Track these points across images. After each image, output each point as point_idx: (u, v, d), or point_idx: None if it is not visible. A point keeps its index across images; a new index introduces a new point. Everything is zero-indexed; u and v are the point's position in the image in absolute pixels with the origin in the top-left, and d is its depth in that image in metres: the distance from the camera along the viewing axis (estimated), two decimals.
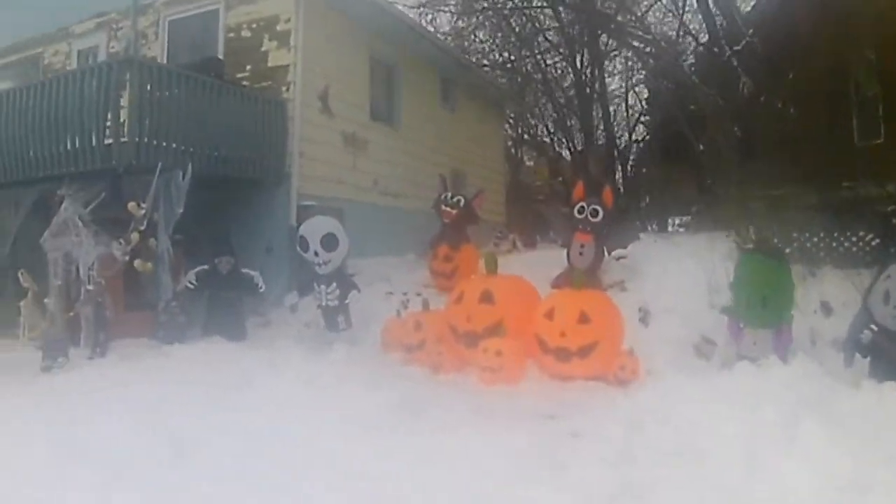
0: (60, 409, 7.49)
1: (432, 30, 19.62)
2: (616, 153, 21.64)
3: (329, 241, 10.79)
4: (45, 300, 11.57)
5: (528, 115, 23.13)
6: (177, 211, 11.06)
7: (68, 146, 11.08)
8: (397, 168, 15.13)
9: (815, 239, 11.59)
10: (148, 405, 7.45)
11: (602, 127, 21.89)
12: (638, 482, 5.34)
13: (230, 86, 12.08)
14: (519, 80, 21.33)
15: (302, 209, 12.63)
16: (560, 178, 21.67)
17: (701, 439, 5.90)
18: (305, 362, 9.24)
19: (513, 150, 24.18)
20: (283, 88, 12.81)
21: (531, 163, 25.86)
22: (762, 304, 8.17)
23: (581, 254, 10.73)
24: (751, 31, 14.51)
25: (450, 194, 12.26)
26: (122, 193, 10.94)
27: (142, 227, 10.83)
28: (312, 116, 13.03)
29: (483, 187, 16.72)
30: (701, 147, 16.50)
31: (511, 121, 22.99)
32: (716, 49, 15.23)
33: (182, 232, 11.37)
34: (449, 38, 20.20)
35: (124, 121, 10.50)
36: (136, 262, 10.89)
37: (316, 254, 10.78)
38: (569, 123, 23.18)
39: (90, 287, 10.89)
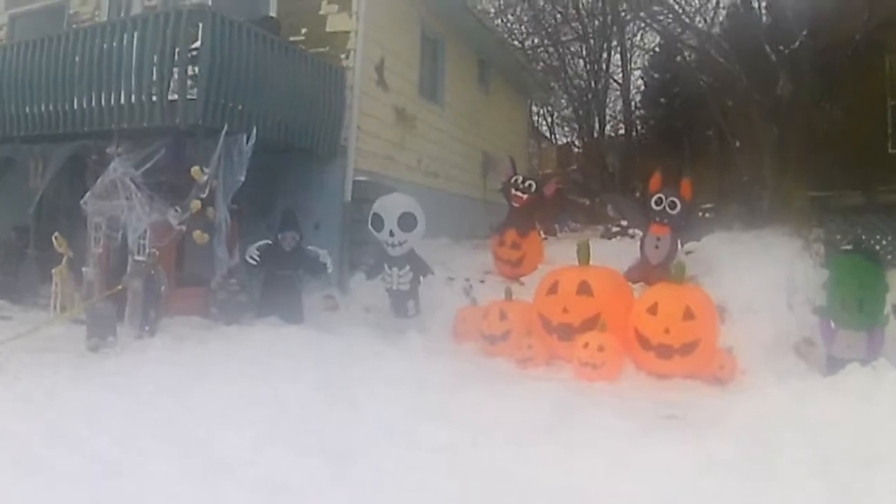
0: (129, 399, 6.55)
1: None
2: (631, 144, 21.04)
3: (407, 221, 9.89)
4: (84, 269, 10.35)
5: (545, 104, 22.41)
6: (238, 179, 9.91)
7: (121, 100, 9.80)
8: (440, 148, 14.17)
9: (885, 241, 11.23)
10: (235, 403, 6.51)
11: (621, 117, 21.34)
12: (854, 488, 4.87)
13: (295, 48, 10.92)
14: (541, 65, 20.54)
15: (356, 185, 11.61)
16: (573, 167, 21.01)
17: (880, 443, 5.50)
18: (396, 357, 8.34)
19: None
20: (343, 56, 11.69)
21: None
22: (858, 307, 7.88)
23: (657, 247, 10.07)
24: (805, 31, 14.01)
25: (520, 178, 11.40)
26: (178, 156, 9.76)
27: (203, 195, 9.68)
28: (369, 88, 11.93)
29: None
30: (737, 143, 16.01)
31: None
32: (763, 46, 14.70)
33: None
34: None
35: (193, 75, 9.29)
36: (195, 233, 9.73)
37: (391, 233, 9.88)
38: (581, 113, 22.59)
39: (139, 258, 9.71)
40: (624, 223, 14.09)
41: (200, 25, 9.24)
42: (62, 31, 11.29)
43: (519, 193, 11.30)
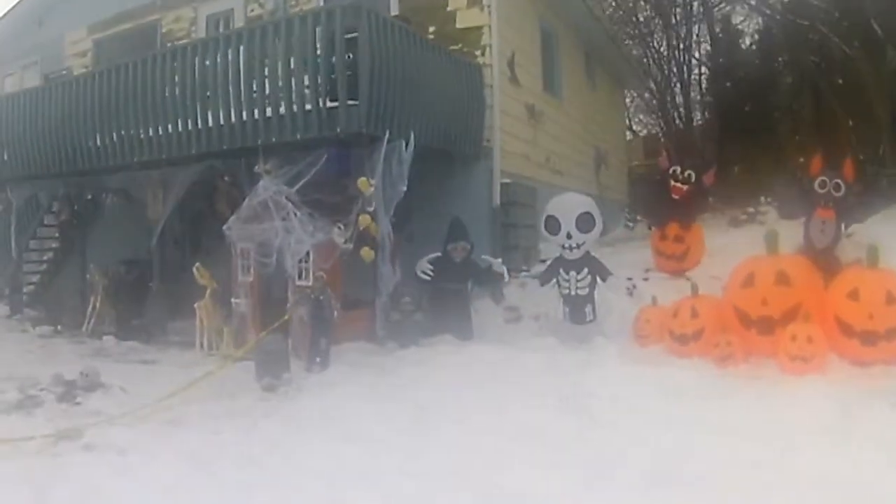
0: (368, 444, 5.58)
1: None
2: (722, 129, 19.83)
3: (585, 222, 8.72)
4: (233, 300, 9.27)
5: (640, 93, 21.35)
6: (400, 189, 8.83)
7: (267, 112, 8.76)
8: (561, 144, 13.10)
9: None
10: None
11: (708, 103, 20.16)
12: None
13: (440, 46, 9.85)
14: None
15: (503, 188, 10.55)
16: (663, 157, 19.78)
17: None
18: (602, 365, 7.21)
19: None
20: (478, 53, 10.64)
21: None
22: None
23: (822, 231, 9.06)
24: None
25: (679, 168, 10.32)
26: (339, 168, 8.69)
27: (370, 208, 8.61)
28: (504, 85, 10.86)
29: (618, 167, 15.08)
30: (850, 122, 14.90)
31: None
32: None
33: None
34: None
35: (351, 79, 8.24)
36: (363, 251, 8.66)
37: (569, 236, 8.72)
38: (668, 100, 21.47)
39: (302, 283, 8.64)
40: (751, 210, 13.02)
41: (358, 25, 8.20)
42: (169, 48, 10.33)
43: (679, 184, 10.20)
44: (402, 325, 8.73)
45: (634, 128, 25.28)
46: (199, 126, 9.40)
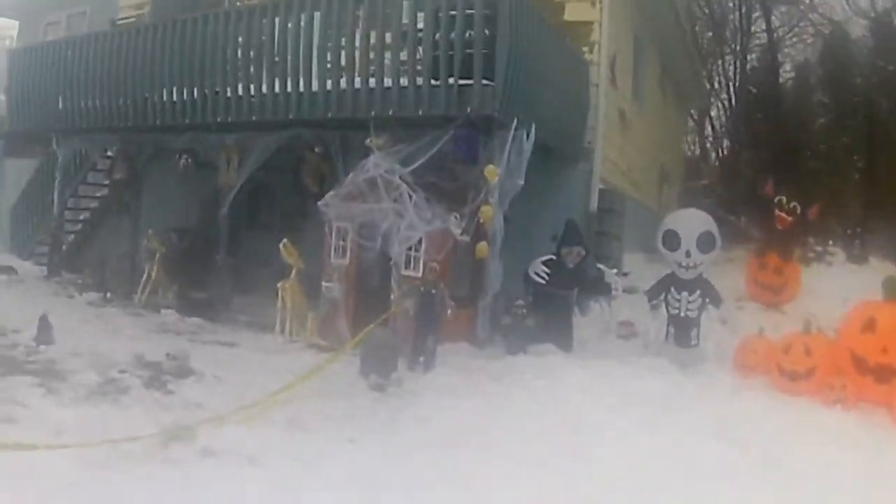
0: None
1: None
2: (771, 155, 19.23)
3: (706, 242, 8.09)
4: (325, 284, 8.37)
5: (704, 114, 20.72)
6: (518, 182, 8.07)
7: (386, 82, 7.92)
8: (640, 155, 12.42)
9: None
10: None
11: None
12: None
13: (563, 38, 9.09)
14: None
15: (601, 194, 9.81)
16: (705, 181, 19.29)
17: None
18: (732, 397, 6.77)
19: None
20: (584, 49, 9.90)
21: None
22: None
23: None
24: None
25: (785, 198, 9.73)
26: (464, 152, 7.84)
27: (492, 199, 7.81)
28: (605, 86, 10.16)
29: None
30: None
31: None
32: None
33: None
34: None
35: (488, 59, 7.44)
36: (479, 245, 7.84)
37: (688, 254, 8.06)
38: (724, 121, 20.87)
39: (409, 272, 7.79)
40: (819, 249, 12.48)
41: (498, 1, 7.40)
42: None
43: (784, 215, 9.63)
44: (512, 330, 7.93)
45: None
46: (290, 90, 8.53)
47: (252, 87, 8.83)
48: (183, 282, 9.92)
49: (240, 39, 8.94)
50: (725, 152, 20.72)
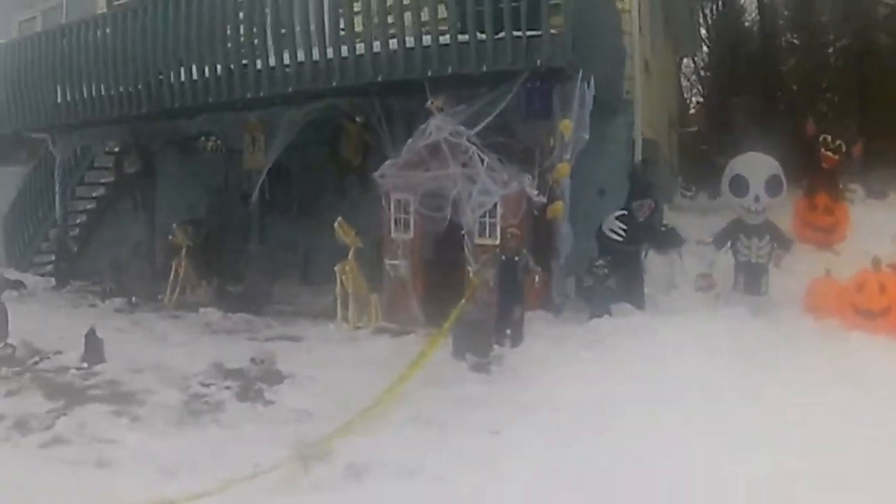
0: None
1: None
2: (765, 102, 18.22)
3: (774, 185, 7.40)
4: (388, 261, 7.25)
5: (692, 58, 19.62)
6: (583, 137, 7.05)
7: (441, 38, 6.76)
8: (656, 105, 11.46)
9: None
10: None
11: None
12: None
13: None
14: None
15: (645, 144, 8.87)
16: (692, 128, 18.32)
17: None
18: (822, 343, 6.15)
19: None
20: None
21: None
22: None
23: None
24: None
25: (830, 137, 8.96)
26: (535, 106, 6.77)
27: (567, 157, 6.79)
28: (637, 35, 9.14)
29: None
30: None
31: None
32: None
33: None
34: None
35: (557, 5, 6.38)
36: (554, 206, 6.84)
37: (756, 199, 7.33)
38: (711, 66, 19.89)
39: (484, 240, 6.73)
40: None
41: None
42: None
43: (829, 154, 8.87)
44: (595, 292, 6.98)
45: None
46: (330, 57, 7.25)
47: (284, 56, 7.49)
48: (214, 276, 8.66)
49: (266, 4, 7.63)
50: (709, 99, 19.92)
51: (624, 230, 7.20)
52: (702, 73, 21.08)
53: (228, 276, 8.67)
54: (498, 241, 6.63)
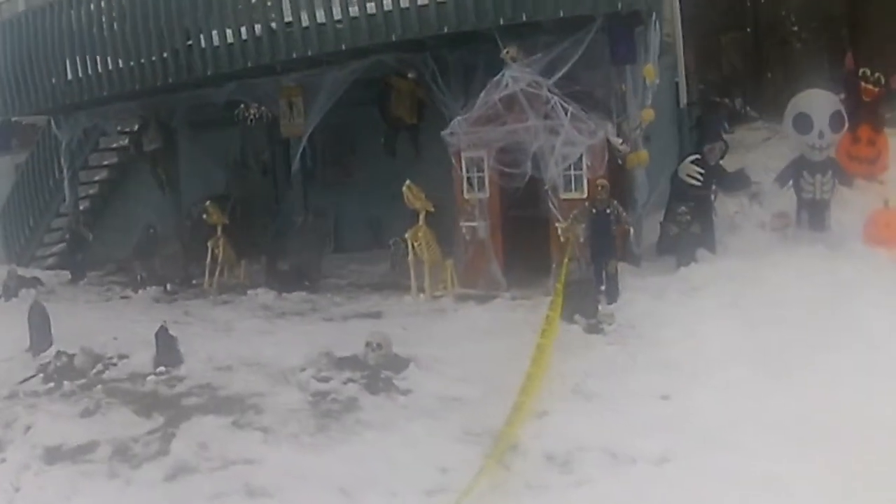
0: None
1: None
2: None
3: (837, 121, 6.86)
4: (463, 224, 6.34)
5: None
6: (654, 81, 6.24)
7: None
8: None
9: None
10: None
11: None
12: None
13: None
14: None
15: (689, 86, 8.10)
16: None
17: None
18: None
19: None
20: None
21: None
22: None
23: None
24: None
25: (868, 70, 8.34)
26: (621, 51, 5.85)
27: (648, 102, 5.97)
28: None
29: None
30: None
31: None
32: None
33: None
34: None
35: None
36: (637, 154, 6.06)
37: (821, 135, 6.73)
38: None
39: (571, 194, 5.88)
40: None
41: None
42: None
43: (870, 86, 8.27)
44: (680, 240, 6.21)
45: None
46: (372, 10, 6.22)
47: (334, 10, 6.39)
48: (262, 255, 7.57)
49: None
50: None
51: (702, 174, 6.48)
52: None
53: (276, 252, 7.58)
54: (585, 195, 5.84)
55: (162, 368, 4.96)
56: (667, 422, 3.65)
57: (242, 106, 7.30)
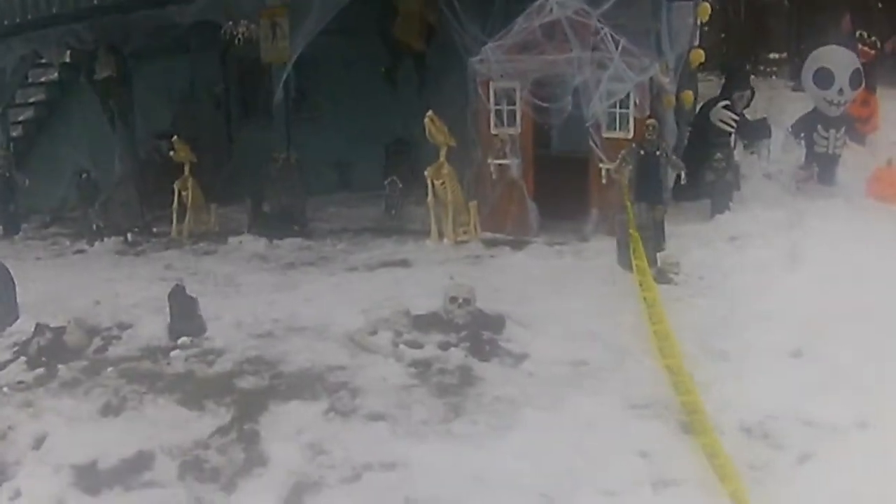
0: None
1: None
2: None
3: (856, 78, 6.17)
4: (492, 161, 5.23)
5: None
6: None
7: None
8: None
9: None
10: None
11: None
12: None
13: None
14: None
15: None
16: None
17: None
18: None
19: None
20: None
21: None
22: None
23: None
24: None
25: (866, 33, 7.89)
26: None
27: (696, 43, 5.09)
28: None
29: None
30: None
31: None
32: None
33: None
34: None
35: None
36: (685, 94, 5.19)
37: (840, 91, 6.08)
38: None
39: (616, 133, 4.90)
40: None
41: None
42: None
43: (866, 48, 7.87)
44: (715, 187, 5.40)
45: None
46: None
47: None
48: (247, 197, 5.95)
49: None
50: None
51: (735, 121, 5.73)
52: None
53: (260, 194, 6.02)
54: (631, 134, 4.87)
55: (185, 339, 3.62)
56: (823, 380, 2.94)
57: (230, 24, 5.58)
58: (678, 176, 5.40)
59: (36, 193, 7.14)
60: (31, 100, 7.24)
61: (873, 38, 7.84)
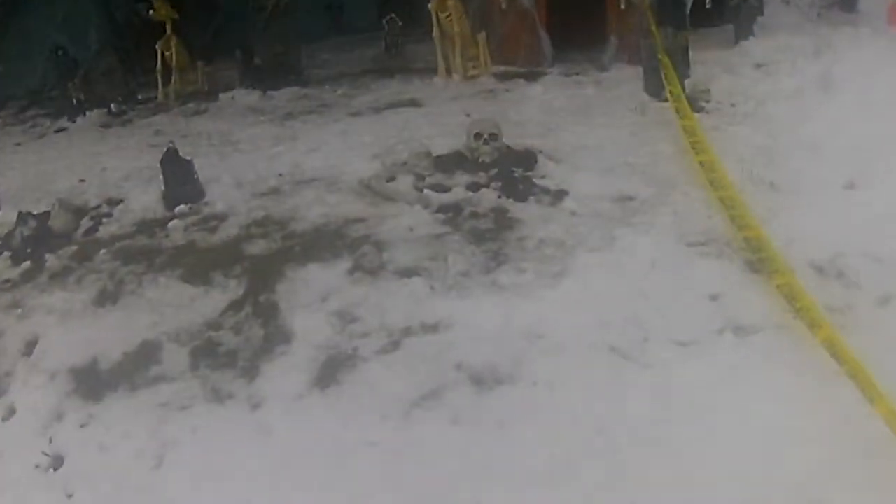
0: None
1: None
2: None
3: None
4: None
5: None
6: None
7: None
8: None
9: None
10: None
11: None
12: None
13: None
14: None
15: None
16: None
17: None
18: None
19: None
20: None
21: None
22: None
23: None
24: None
25: None
26: None
27: None
28: None
29: None
30: None
31: None
32: None
33: None
34: None
35: None
36: None
37: None
38: None
39: None
40: None
41: None
42: None
43: None
44: (739, 12, 4.57)
45: None
46: None
47: None
48: (236, 50, 5.10)
49: None
50: None
51: None
52: None
53: (246, 46, 5.12)
54: None
55: (183, 207, 3.10)
56: (884, 214, 2.44)
57: None
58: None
59: (10, 77, 6.37)
60: None
61: None
